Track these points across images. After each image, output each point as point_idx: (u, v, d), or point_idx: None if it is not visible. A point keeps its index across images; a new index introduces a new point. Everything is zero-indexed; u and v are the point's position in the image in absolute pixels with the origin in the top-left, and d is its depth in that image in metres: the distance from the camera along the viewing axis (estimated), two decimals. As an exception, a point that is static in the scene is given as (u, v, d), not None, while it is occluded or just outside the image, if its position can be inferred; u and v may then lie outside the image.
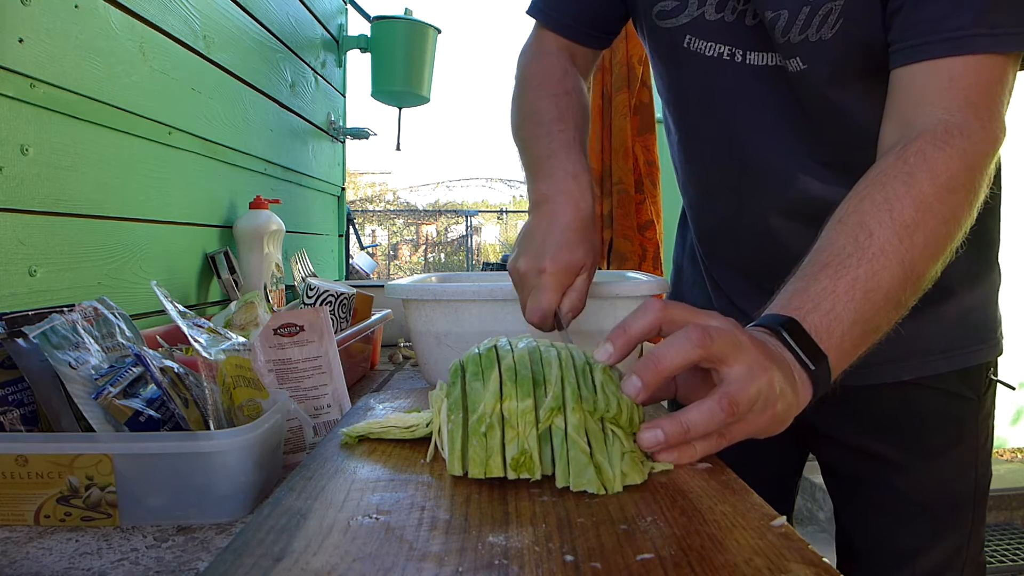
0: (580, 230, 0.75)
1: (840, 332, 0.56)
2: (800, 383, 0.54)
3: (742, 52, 0.78)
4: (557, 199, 0.77)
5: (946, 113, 0.63)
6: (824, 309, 0.56)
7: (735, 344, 0.50)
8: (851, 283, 0.57)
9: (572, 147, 0.80)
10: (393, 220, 15.79)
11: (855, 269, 0.58)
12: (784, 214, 0.82)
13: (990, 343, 0.85)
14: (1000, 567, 2.58)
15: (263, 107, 1.72)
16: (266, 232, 1.49)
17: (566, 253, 0.73)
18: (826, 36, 0.71)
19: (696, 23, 0.79)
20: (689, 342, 0.50)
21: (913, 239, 0.59)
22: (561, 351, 0.57)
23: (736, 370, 0.50)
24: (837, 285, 0.57)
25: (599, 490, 0.50)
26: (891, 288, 0.58)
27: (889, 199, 0.60)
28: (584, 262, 0.75)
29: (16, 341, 0.60)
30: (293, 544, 0.42)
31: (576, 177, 0.78)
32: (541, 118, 0.84)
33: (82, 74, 1.01)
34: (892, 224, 0.59)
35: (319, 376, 0.81)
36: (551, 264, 0.73)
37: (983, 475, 0.86)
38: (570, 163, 0.79)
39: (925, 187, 0.60)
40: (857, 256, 0.58)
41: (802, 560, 0.40)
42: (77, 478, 0.56)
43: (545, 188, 0.79)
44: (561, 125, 0.82)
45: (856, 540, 0.90)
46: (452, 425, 0.54)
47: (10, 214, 0.88)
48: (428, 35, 2.34)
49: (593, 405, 0.52)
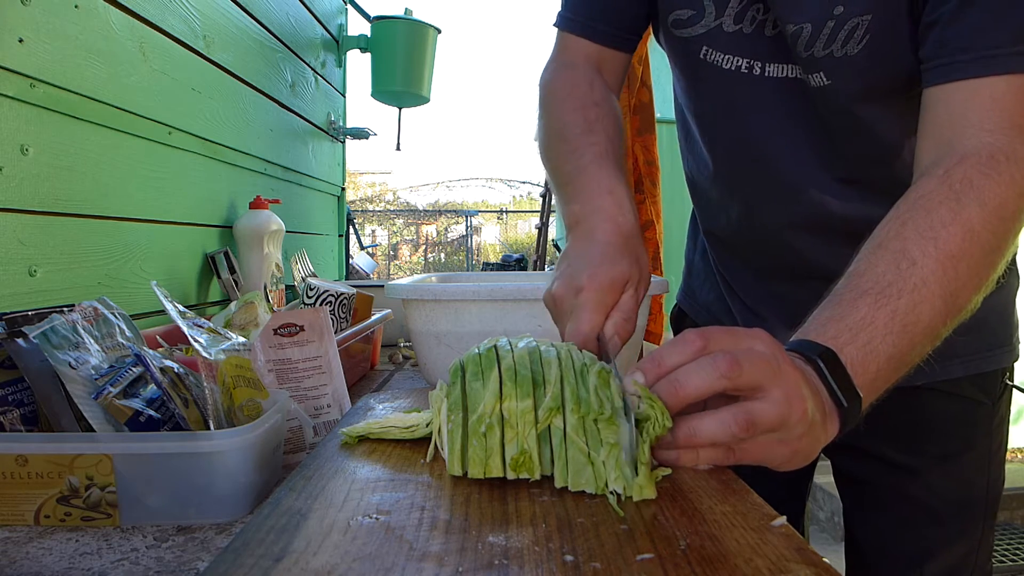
0: (621, 244, 0.67)
1: (876, 368, 0.53)
2: (829, 418, 0.52)
3: (760, 64, 0.75)
4: (592, 218, 0.70)
5: (990, 136, 0.60)
6: (862, 341, 0.54)
7: (772, 371, 0.48)
8: (891, 315, 0.54)
9: (605, 160, 0.73)
10: (393, 220, 15.79)
11: (896, 300, 0.55)
12: (800, 227, 0.80)
13: (1007, 348, 0.83)
14: (1000, 567, 2.59)
15: (263, 107, 1.72)
16: (266, 232, 1.49)
17: (606, 268, 0.64)
18: (852, 52, 0.68)
19: (713, 34, 0.76)
20: (715, 371, 0.47)
21: (958, 270, 0.56)
22: (561, 351, 0.57)
23: (770, 394, 0.48)
24: (876, 316, 0.54)
25: (597, 490, 0.50)
26: (931, 322, 0.56)
27: (934, 226, 0.57)
28: (629, 276, 0.65)
29: (16, 341, 0.60)
30: (293, 544, 0.42)
31: (612, 192, 0.70)
32: (568, 133, 0.77)
33: (82, 74, 1.01)
34: (936, 254, 0.56)
35: (319, 376, 0.81)
36: (589, 281, 0.63)
37: (995, 481, 0.85)
38: (604, 177, 0.72)
39: (973, 215, 0.57)
40: (898, 286, 0.55)
41: (802, 560, 0.40)
42: (77, 478, 0.56)
43: (578, 208, 0.71)
44: (591, 138, 0.75)
45: (865, 544, 0.89)
46: (452, 425, 0.54)
47: (10, 214, 0.88)
48: (428, 35, 2.34)
49: (587, 407, 0.52)
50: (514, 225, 16.40)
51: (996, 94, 0.61)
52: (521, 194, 17.37)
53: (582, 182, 0.73)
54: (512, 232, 16.22)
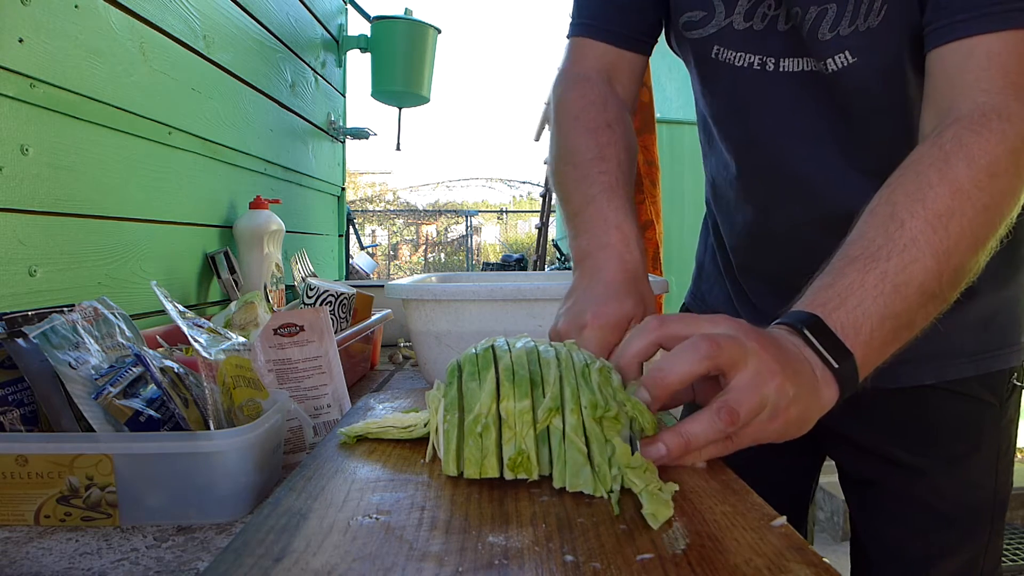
0: (627, 283, 0.68)
1: (869, 329, 0.54)
2: (824, 383, 0.52)
3: (774, 60, 0.75)
4: (599, 255, 0.70)
5: (984, 96, 0.60)
6: (851, 305, 0.54)
7: (743, 350, 0.49)
8: (880, 277, 0.55)
9: (615, 192, 0.73)
10: (393, 220, 15.79)
11: (884, 262, 0.55)
12: (819, 226, 0.78)
13: (1016, 348, 0.82)
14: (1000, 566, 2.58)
15: (263, 107, 1.72)
16: (266, 232, 1.49)
17: (612, 306, 0.65)
18: (873, 24, 0.68)
19: (724, 33, 0.76)
20: (696, 353, 0.49)
21: (948, 229, 0.56)
22: (560, 351, 0.57)
23: (740, 377, 0.49)
24: (865, 279, 0.55)
25: (595, 491, 0.50)
26: (924, 281, 0.55)
27: (922, 187, 0.57)
28: (633, 314, 0.66)
29: (16, 341, 0.60)
30: (293, 544, 0.42)
31: (619, 227, 0.71)
32: (579, 158, 0.76)
33: (82, 74, 1.01)
34: (924, 213, 0.56)
35: (319, 376, 0.81)
36: (593, 319, 0.64)
37: (1003, 484, 0.83)
38: (612, 211, 0.72)
39: (961, 173, 0.57)
40: (887, 248, 0.56)
41: (802, 560, 0.40)
42: (77, 478, 0.56)
43: (585, 243, 0.72)
44: (601, 166, 0.74)
45: (870, 546, 0.88)
46: (448, 425, 0.54)
47: (10, 214, 0.88)
48: (428, 35, 2.34)
49: (594, 405, 0.52)
50: (514, 225, 16.40)
51: (992, 51, 0.60)
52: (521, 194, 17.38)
53: (590, 215, 0.73)
54: (512, 232, 16.22)
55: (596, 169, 0.74)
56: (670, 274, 1.65)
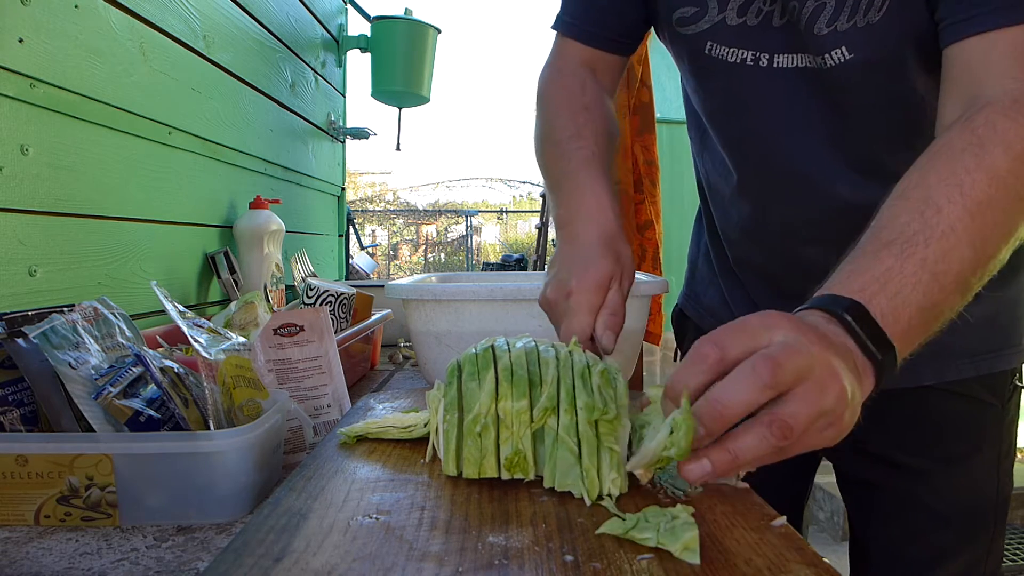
0: (603, 244, 0.71)
1: (907, 317, 0.51)
2: (864, 375, 0.49)
3: (768, 56, 0.75)
4: (576, 222, 0.73)
5: (1013, 83, 0.59)
6: (891, 291, 0.51)
7: (806, 363, 0.44)
8: (920, 264, 0.52)
9: (590, 164, 0.76)
10: (393, 220, 15.79)
11: (923, 248, 0.52)
12: (816, 222, 0.79)
13: (1017, 348, 0.82)
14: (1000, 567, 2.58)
15: (263, 107, 1.72)
16: (266, 232, 1.49)
17: (591, 270, 0.68)
18: (873, 20, 0.68)
19: (716, 29, 0.76)
20: (757, 381, 0.44)
21: (985, 217, 0.54)
22: (560, 351, 0.57)
23: (800, 389, 0.44)
24: (904, 266, 0.52)
25: (581, 493, 0.49)
26: (961, 271, 0.53)
27: (957, 172, 0.55)
28: (612, 273, 0.69)
29: (16, 341, 0.60)
30: (293, 544, 0.42)
31: (596, 194, 0.74)
32: (558, 137, 0.80)
33: (82, 74, 1.01)
34: (963, 200, 0.54)
35: (319, 376, 0.81)
36: (577, 284, 0.67)
37: (1004, 485, 0.83)
38: (589, 180, 0.75)
39: (999, 160, 0.55)
40: (925, 234, 0.53)
41: (802, 560, 0.40)
42: (77, 478, 0.56)
43: (564, 212, 0.75)
44: (578, 143, 0.78)
45: (870, 549, 0.87)
46: (447, 425, 0.54)
47: (10, 214, 0.88)
48: (428, 35, 2.34)
49: (591, 408, 0.52)
50: (514, 225, 16.40)
51: (1016, 41, 0.59)
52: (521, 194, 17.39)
53: (569, 186, 0.76)
54: (512, 232, 16.23)
55: (574, 146, 0.78)
56: (670, 274, 1.65)
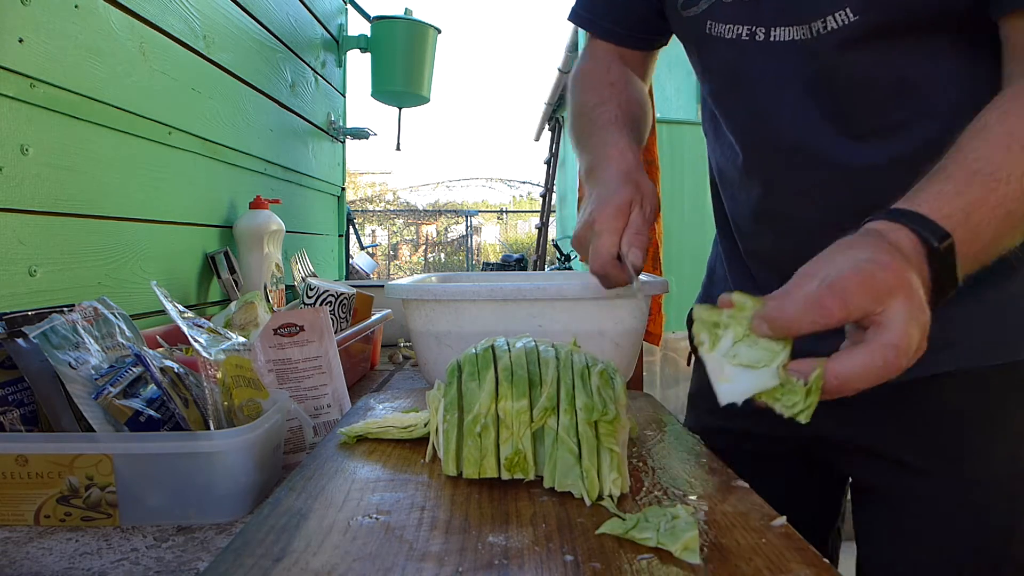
0: (622, 178, 0.76)
1: (973, 253, 0.52)
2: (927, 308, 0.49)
3: (764, 30, 0.75)
4: (599, 167, 0.80)
5: None
6: (973, 223, 0.52)
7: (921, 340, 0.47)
8: (1000, 200, 0.53)
9: (614, 124, 0.83)
10: (393, 220, 15.79)
11: (1005, 185, 0.53)
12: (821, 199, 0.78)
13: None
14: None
15: (263, 107, 1.72)
16: (266, 232, 1.49)
17: (612, 199, 0.73)
18: None
19: (715, 7, 0.77)
20: (886, 374, 0.46)
21: None
22: (561, 351, 0.57)
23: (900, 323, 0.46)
24: (988, 199, 0.53)
25: (581, 494, 0.49)
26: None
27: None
28: (631, 198, 0.73)
29: (16, 341, 0.60)
30: (293, 544, 0.42)
31: (616, 144, 0.80)
32: (585, 108, 0.88)
33: (82, 74, 1.01)
34: None
35: (319, 376, 0.81)
36: (599, 214, 0.72)
37: None
38: (610, 135, 0.82)
39: None
40: (1007, 169, 0.53)
41: (802, 560, 0.40)
42: (77, 478, 0.56)
43: (588, 162, 0.82)
44: (602, 109, 0.85)
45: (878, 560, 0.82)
46: (447, 425, 0.54)
47: (10, 214, 0.88)
48: (428, 35, 2.34)
49: (590, 409, 0.52)
50: (514, 225, 16.41)
51: None
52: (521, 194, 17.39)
53: (593, 142, 0.84)
54: (512, 232, 16.23)
55: (599, 111, 0.86)
56: (670, 274, 1.65)
